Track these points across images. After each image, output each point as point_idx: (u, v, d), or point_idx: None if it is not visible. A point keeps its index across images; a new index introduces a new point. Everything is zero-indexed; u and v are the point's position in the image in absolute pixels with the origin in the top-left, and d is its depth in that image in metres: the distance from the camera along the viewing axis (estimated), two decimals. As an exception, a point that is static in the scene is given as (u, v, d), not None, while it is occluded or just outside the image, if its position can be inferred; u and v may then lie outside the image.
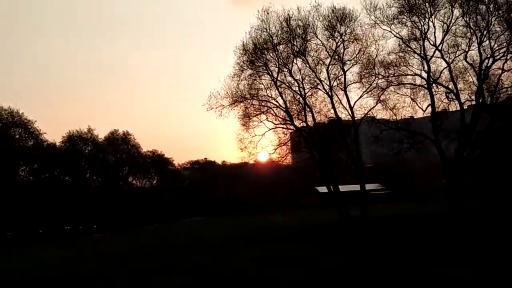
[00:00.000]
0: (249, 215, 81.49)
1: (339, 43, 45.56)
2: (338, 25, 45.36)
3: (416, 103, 44.30)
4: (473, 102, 44.05)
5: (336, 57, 46.05)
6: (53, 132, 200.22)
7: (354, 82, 46.92)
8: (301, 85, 47.40)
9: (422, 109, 44.62)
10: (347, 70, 46.46)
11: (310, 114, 47.66)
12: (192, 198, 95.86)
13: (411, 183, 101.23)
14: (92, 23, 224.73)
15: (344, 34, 45.25)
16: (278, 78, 46.92)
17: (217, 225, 62.64)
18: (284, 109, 47.28)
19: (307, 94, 47.92)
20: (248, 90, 47.12)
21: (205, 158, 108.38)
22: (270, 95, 47.64)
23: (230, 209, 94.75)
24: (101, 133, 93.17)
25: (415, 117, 49.67)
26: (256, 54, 46.35)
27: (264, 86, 47.56)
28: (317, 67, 46.63)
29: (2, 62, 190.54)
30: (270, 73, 46.80)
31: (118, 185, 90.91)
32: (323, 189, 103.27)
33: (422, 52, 42.81)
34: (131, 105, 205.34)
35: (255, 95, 47.53)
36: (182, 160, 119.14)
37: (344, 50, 45.87)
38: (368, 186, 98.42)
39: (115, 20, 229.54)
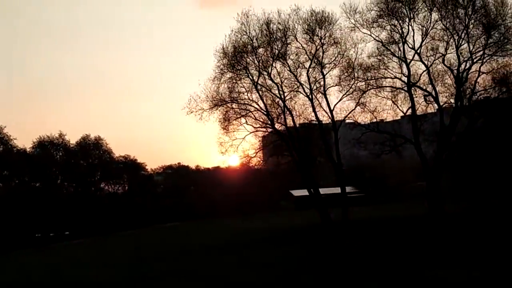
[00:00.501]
0: (224, 220, 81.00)
1: (318, 47, 45.72)
2: (318, 29, 45.55)
3: (397, 106, 44.68)
4: (452, 105, 44.56)
5: (316, 60, 46.18)
6: (23, 138, 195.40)
7: (333, 85, 47.19)
8: (280, 88, 47.43)
9: (402, 112, 45.02)
10: (326, 73, 46.73)
11: (290, 117, 47.74)
12: (165, 203, 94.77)
13: (384, 186, 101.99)
14: (62, 27, 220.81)
15: (323, 38, 45.44)
16: (258, 82, 46.83)
17: (196, 230, 61.97)
18: (265, 112, 47.16)
19: (287, 97, 47.97)
20: (229, 93, 46.91)
21: (179, 163, 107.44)
22: (250, 98, 47.51)
23: (204, 214, 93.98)
24: (73, 139, 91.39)
25: (390, 120, 50.10)
26: (236, 57, 46.21)
27: (245, 89, 47.41)
28: (297, 70, 46.75)
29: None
30: (250, 76, 46.66)
31: (90, 191, 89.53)
32: (297, 193, 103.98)
33: (402, 55, 43.16)
34: (102, 109, 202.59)
35: (236, 99, 47.31)
36: (156, 165, 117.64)
37: (323, 53, 46.07)
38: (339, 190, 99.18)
39: (82, 24, 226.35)
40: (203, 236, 48.15)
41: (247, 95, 47.57)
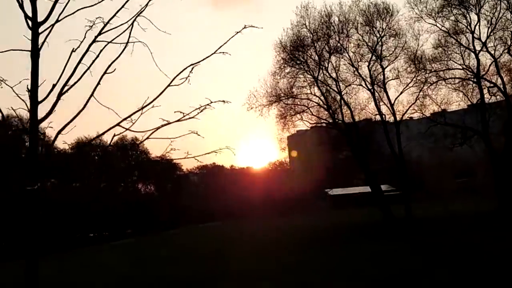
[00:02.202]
0: (267, 219, 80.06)
1: (378, 39, 44.66)
2: (377, 20, 44.52)
3: (468, 98, 43.35)
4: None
5: (375, 53, 45.12)
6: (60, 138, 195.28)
7: (393, 78, 46.07)
8: (338, 83, 46.41)
9: (473, 103, 43.59)
10: (386, 66, 45.65)
11: (348, 112, 46.69)
12: (202, 203, 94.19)
13: (421, 184, 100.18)
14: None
15: (384, 29, 44.36)
16: (318, 76, 45.83)
17: (246, 228, 60.90)
18: (325, 107, 46.14)
19: (344, 92, 46.94)
20: (289, 88, 46.00)
21: (213, 163, 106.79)
22: (312, 93, 46.53)
23: (241, 213, 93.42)
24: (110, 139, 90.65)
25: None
26: (296, 51, 45.30)
27: (307, 83, 46.47)
28: (358, 63, 45.71)
29: None
30: (310, 70, 45.64)
31: (128, 191, 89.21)
32: (334, 192, 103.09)
33: (472, 46, 41.83)
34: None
35: (294, 94, 46.43)
36: (191, 165, 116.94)
37: (381, 45, 45.04)
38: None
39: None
40: (267, 234, 47.14)
41: (308, 89, 46.62)
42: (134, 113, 8.94)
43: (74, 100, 9.55)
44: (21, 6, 8.47)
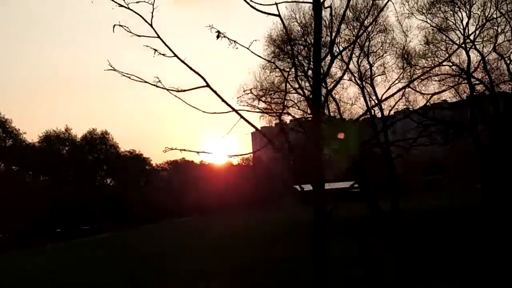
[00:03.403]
0: (236, 214, 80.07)
1: (369, 34, 44.79)
2: (367, 16, 44.54)
3: (458, 93, 43.88)
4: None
5: (364, 48, 45.30)
6: (28, 132, 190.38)
7: (380, 74, 46.34)
8: (328, 78, 46.35)
9: (463, 99, 44.20)
10: (374, 62, 45.88)
11: (335, 107, 46.80)
12: (172, 198, 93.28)
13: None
14: (67, 23, 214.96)
15: (372, 25, 44.45)
16: (307, 70, 45.67)
17: (225, 223, 60.47)
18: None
19: (330, 87, 46.84)
20: (278, 82, 45.74)
21: (183, 158, 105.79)
22: (301, 87, 46.30)
23: (212, 208, 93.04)
24: (79, 133, 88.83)
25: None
26: (285, 45, 45.07)
27: (292, 78, 46.18)
28: (349, 59, 45.66)
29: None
30: (299, 65, 45.44)
31: (95, 185, 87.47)
32: (304, 188, 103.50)
33: (462, 42, 42.30)
34: (108, 103, 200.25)
35: (284, 88, 46.09)
36: (160, 160, 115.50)
37: (369, 41, 45.25)
38: (346, 184, 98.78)
39: (77, 21, 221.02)
40: (247, 228, 46.90)
41: (296, 84, 46.38)
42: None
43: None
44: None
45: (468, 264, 16.66)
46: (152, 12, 8.06)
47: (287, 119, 48.76)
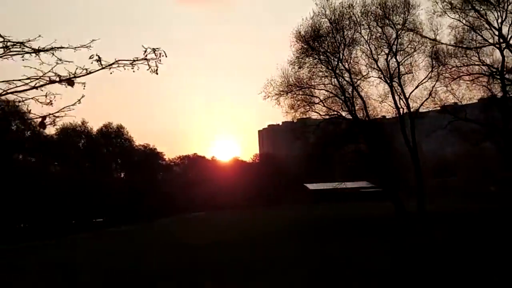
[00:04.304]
0: (252, 210, 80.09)
1: (398, 32, 44.87)
2: (395, 14, 44.71)
3: (492, 92, 43.65)
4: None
5: (393, 46, 45.35)
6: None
7: (407, 73, 46.36)
8: (351, 75, 46.50)
9: (495, 98, 43.91)
10: (403, 60, 45.89)
11: (362, 105, 46.88)
12: (186, 193, 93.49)
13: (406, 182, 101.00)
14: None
15: (403, 23, 44.55)
16: (337, 67, 45.88)
17: (241, 218, 60.50)
18: (343, 99, 46.18)
19: (357, 85, 47.12)
20: (307, 78, 46.00)
21: (195, 153, 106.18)
22: (331, 83, 46.55)
23: (222, 204, 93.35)
24: (95, 126, 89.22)
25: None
26: (314, 42, 45.25)
27: (322, 74, 46.42)
28: (378, 56, 45.88)
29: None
30: (328, 61, 45.64)
31: (111, 178, 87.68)
32: (313, 186, 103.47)
33: (496, 42, 42.15)
34: (125, 98, 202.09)
35: (312, 84, 46.39)
36: (173, 154, 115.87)
37: (398, 39, 45.30)
38: (355, 184, 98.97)
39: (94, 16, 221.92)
40: (261, 224, 46.98)
41: (324, 80, 46.64)
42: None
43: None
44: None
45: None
46: None
47: (313, 115, 48.71)
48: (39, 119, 6.19)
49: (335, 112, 47.95)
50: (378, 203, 72.02)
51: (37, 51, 5.92)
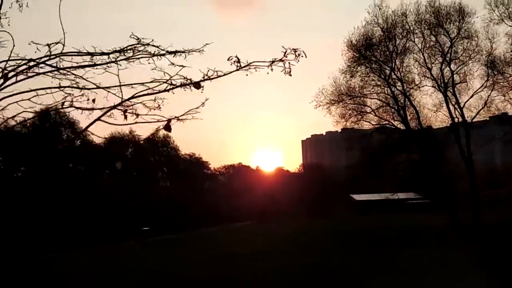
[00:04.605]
0: (296, 220, 79.56)
1: (452, 40, 44.03)
2: (453, 22, 43.94)
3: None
4: None
5: (448, 55, 44.52)
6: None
7: (462, 82, 45.41)
8: (403, 84, 45.86)
9: None
10: (457, 69, 45.02)
11: (415, 114, 46.12)
12: (232, 203, 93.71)
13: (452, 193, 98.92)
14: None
15: (459, 31, 43.72)
16: (386, 76, 45.32)
17: (287, 228, 60.09)
18: (396, 108, 45.55)
19: (409, 93, 46.42)
20: (359, 87, 45.59)
21: (240, 163, 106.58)
22: (384, 92, 46.04)
23: (269, 214, 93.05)
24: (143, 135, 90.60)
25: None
26: (366, 51, 44.81)
27: (374, 83, 45.91)
28: (431, 65, 45.14)
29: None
30: (380, 70, 45.15)
31: (157, 186, 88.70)
32: (359, 197, 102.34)
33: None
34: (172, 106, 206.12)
35: (364, 93, 45.93)
36: (215, 164, 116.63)
37: (453, 48, 44.43)
38: (401, 196, 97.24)
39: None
40: (326, 233, 46.56)
41: (375, 89, 46.15)
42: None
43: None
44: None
45: None
46: None
47: (364, 125, 48.15)
48: (164, 123, 6.11)
49: (387, 122, 47.39)
50: (426, 215, 70.89)
51: (161, 54, 5.92)
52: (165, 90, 6.04)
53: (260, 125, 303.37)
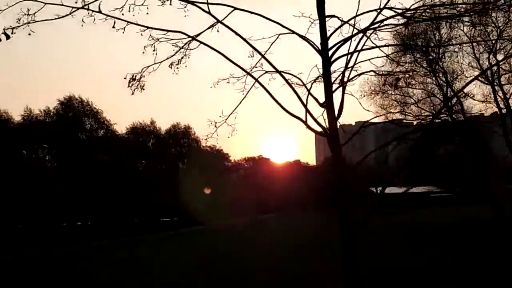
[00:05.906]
0: (321, 213, 78.84)
1: (500, 30, 42.79)
2: (498, 12, 42.63)
3: None
4: None
5: (495, 45, 43.33)
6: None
7: (509, 71, 44.32)
8: (447, 75, 44.92)
9: None
10: (503, 60, 43.93)
11: (459, 105, 45.14)
12: (254, 195, 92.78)
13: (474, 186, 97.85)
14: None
15: (507, 22, 42.46)
16: (430, 66, 44.31)
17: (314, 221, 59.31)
18: (440, 99, 44.58)
19: (454, 84, 45.50)
20: (406, 77, 44.34)
21: (260, 155, 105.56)
22: (432, 82, 45.08)
23: (290, 206, 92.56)
24: (163, 126, 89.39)
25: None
26: (410, 40, 43.61)
27: (418, 73, 44.82)
28: (479, 55, 44.11)
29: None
30: (425, 60, 44.06)
31: (177, 178, 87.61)
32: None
33: None
34: (192, 98, 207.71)
35: (410, 83, 44.79)
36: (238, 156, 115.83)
37: (500, 38, 43.19)
38: (421, 189, 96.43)
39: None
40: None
41: (419, 79, 45.15)
42: None
43: None
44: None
45: None
46: None
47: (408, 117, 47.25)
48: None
49: (429, 113, 46.39)
50: (455, 208, 70.10)
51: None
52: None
53: (273, 116, 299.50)
